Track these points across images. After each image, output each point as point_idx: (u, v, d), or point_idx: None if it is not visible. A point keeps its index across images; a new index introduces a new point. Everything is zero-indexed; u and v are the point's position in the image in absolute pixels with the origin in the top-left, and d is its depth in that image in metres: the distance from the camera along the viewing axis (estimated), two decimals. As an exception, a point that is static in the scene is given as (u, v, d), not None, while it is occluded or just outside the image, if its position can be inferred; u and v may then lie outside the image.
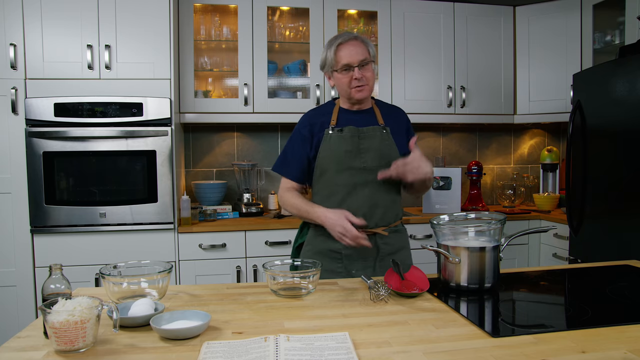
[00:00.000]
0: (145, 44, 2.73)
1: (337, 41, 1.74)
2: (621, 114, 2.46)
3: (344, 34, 1.77)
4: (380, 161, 1.76)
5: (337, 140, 1.77)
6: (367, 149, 1.77)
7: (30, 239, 2.65)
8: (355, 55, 1.71)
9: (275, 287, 1.38)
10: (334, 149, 1.77)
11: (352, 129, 1.78)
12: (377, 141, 1.78)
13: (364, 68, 1.73)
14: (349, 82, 1.73)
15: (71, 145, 2.65)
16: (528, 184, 3.76)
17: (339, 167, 1.76)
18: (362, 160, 1.77)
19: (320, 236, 1.81)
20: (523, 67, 3.44)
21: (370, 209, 1.77)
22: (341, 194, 1.76)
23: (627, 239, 2.44)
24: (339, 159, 1.76)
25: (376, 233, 1.77)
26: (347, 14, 3.36)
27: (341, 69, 1.73)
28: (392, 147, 1.80)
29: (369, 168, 1.76)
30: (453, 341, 1.04)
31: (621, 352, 0.96)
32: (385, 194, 1.80)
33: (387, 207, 1.80)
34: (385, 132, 1.81)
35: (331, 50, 1.74)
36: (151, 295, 1.31)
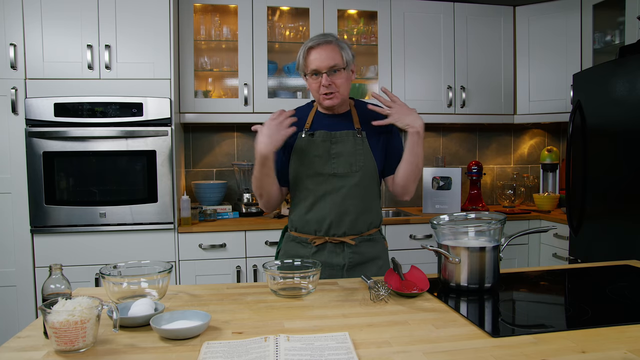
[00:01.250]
0: (145, 44, 2.73)
1: (309, 44, 1.67)
2: (621, 114, 2.46)
3: (319, 36, 1.70)
4: (352, 167, 1.71)
5: (308, 144, 1.72)
6: (338, 155, 1.71)
7: (30, 239, 2.65)
8: (324, 61, 1.65)
9: (275, 287, 1.38)
10: (304, 153, 1.72)
11: (323, 134, 1.73)
12: (349, 146, 1.72)
13: (334, 75, 1.66)
14: (317, 88, 1.68)
15: (71, 145, 2.65)
16: (528, 184, 3.76)
17: (308, 173, 1.72)
18: (332, 166, 1.71)
19: (291, 241, 1.80)
20: (523, 67, 3.44)
21: (338, 216, 1.71)
22: (310, 200, 1.73)
23: (627, 239, 2.44)
24: (309, 164, 1.72)
25: (344, 242, 1.72)
26: (347, 14, 3.36)
27: (310, 74, 1.68)
28: (366, 153, 1.73)
29: (339, 174, 1.71)
30: (453, 341, 1.04)
31: (621, 352, 0.96)
32: (358, 201, 1.72)
33: (358, 215, 1.73)
34: (359, 137, 1.74)
35: (302, 53, 1.69)
36: (151, 295, 1.31)
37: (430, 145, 3.71)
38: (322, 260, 1.69)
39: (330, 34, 1.73)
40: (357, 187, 1.72)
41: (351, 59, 1.72)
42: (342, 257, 1.73)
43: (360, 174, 1.72)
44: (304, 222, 1.75)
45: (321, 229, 1.73)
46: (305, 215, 1.74)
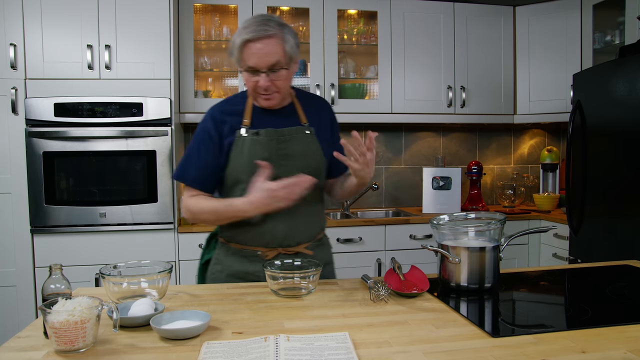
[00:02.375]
0: (145, 44, 2.73)
1: (246, 35, 1.38)
2: (621, 114, 2.46)
3: (258, 23, 1.39)
4: (304, 169, 1.47)
5: (252, 145, 1.48)
6: (289, 155, 1.50)
7: (30, 239, 2.65)
8: (264, 58, 1.39)
9: (275, 287, 1.38)
10: (248, 155, 1.47)
11: (270, 132, 1.49)
12: (300, 145, 1.52)
13: (275, 74, 1.41)
14: (254, 87, 1.44)
15: (71, 145, 2.65)
16: (528, 184, 3.76)
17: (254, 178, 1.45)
18: (283, 169, 1.47)
19: (232, 255, 1.57)
20: (523, 67, 3.44)
21: (292, 225, 1.51)
22: None
23: (627, 239, 2.44)
24: (255, 168, 1.43)
25: (299, 252, 1.55)
26: (347, 14, 3.36)
27: (246, 70, 1.42)
28: (317, 151, 1.55)
29: None
30: (453, 341, 1.04)
31: (621, 352, 0.96)
32: (308, 206, 1.53)
33: (310, 221, 1.57)
34: (309, 134, 1.54)
35: (238, 43, 1.40)
36: (151, 295, 1.30)
37: (430, 145, 3.71)
38: None
39: (271, 20, 1.41)
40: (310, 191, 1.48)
41: (295, 52, 1.45)
42: None
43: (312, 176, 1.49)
44: (252, 234, 1.52)
45: (273, 240, 1.52)
46: (255, 227, 1.50)
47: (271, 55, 1.39)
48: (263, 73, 1.41)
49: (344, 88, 3.28)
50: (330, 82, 3.18)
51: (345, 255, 2.93)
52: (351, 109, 3.22)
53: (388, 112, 3.28)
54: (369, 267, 2.98)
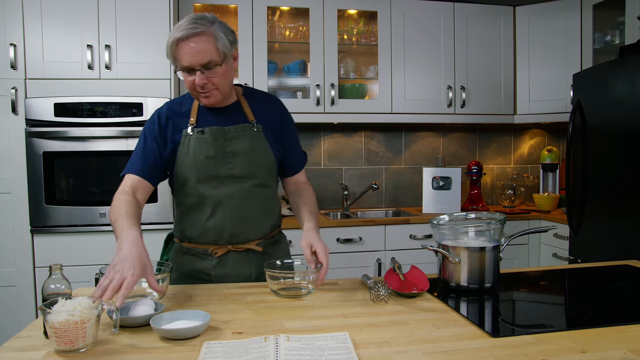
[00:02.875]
0: (145, 44, 2.73)
1: (176, 34, 1.37)
2: (621, 114, 2.46)
3: (188, 22, 1.37)
4: (251, 167, 1.53)
5: (197, 143, 1.49)
6: (234, 153, 1.51)
7: (30, 239, 2.65)
8: (196, 56, 1.37)
9: (275, 287, 1.38)
10: (193, 154, 1.49)
11: (215, 130, 1.50)
12: (246, 143, 1.52)
13: (210, 71, 1.40)
14: (191, 86, 1.43)
15: (71, 145, 2.65)
16: (528, 184, 3.76)
17: (201, 176, 1.50)
18: (228, 166, 1.51)
19: (184, 255, 1.59)
20: (523, 67, 3.44)
21: (240, 223, 1.54)
22: (206, 207, 1.52)
23: (627, 239, 2.44)
24: (201, 166, 1.49)
25: (249, 249, 1.57)
26: (347, 14, 3.36)
27: (182, 69, 1.41)
28: (264, 149, 1.55)
29: (237, 176, 1.52)
30: (453, 341, 1.04)
31: (621, 352, 0.96)
32: (258, 203, 1.56)
33: (260, 218, 1.58)
34: (256, 131, 1.54)
35: (170, 44, 1.39)
36: (151, 295, 1.31)
37: (430, 145, 3.71)
38: (226, 273, 1.54)
39: (202, 18, 1.39)
40: (257, 187, 1.55)
41: (229, 48, 1.42)
42: (248, 267, 1.57)
43: (260, 173, 1.55)
44: (200, 232, 1.54)
45: (222, 237, 1.54)
46: (203, 224, 1.53)
47: (203, 53, 1.38)
48: (198, 71, 1.40)
49: (344, 88, 3.28)
50: (330, 82, 3.18)
51: (345, 255, 2.93)
52: (351, 109, 3.22)
53: (388, 112, 3.28)
54: (369, 267, 2.99)
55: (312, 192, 1.71)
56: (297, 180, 1.73)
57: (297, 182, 1.73)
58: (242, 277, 1.57)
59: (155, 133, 1.52)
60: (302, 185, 1.72)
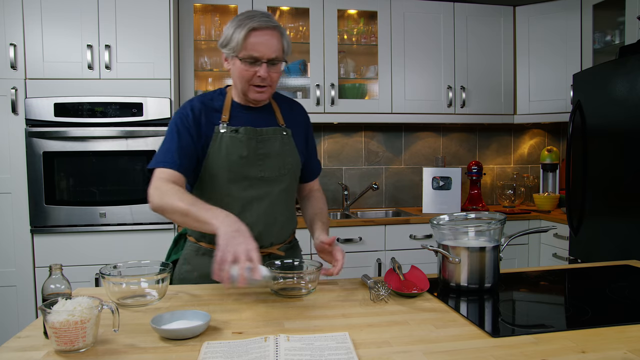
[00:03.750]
0: (145, 44, 2.73)
1: (252, 24, 1.37)
2: (621, 114, 2.46)
3: (261, 15, 1.39)
4: (281, 170, 1.52)
5: (231, 142, 1.46)
6: (265, 155, 1.50)
7: (30, 239, 2.65)
8: (268, 49, 1.39)
9: (275, 287, 1.38)
10: (227, 153, 1.46)
11: (249, 130, 1.48)
12: (277, 146, 1.52)
13: (272, 67, 1.42)
14: (250, 77, 1.42)
15: (71, 145, 2.65)
16: (528, 184, 3.76)
17: (232, 176, 1.47)
18: (259, 168, 1.49)
19: (203, 255, 1.53)
20: (523, 67, 3.44)
21: (266, 226, 1.51)
22: (235, 208, 1.45)
23: (627, 239, 2.44)
24: (233, 166, 1.46)
25: (271, 253, 1.54)
26: (347, 14, 3.36)
27: (246, 59, 1.40)
28: (293, 153, 1.55)
29: (267, 178, 1.50)
30: (453, 341, 1.04)
31: (621, 352, 0.96)
32: (284, 207, 1.55)
33: (285, 223, 1.57)
34: (286, 135, 1.55)
35: (241, 32, 1.37)
36: (151, 295, 1.31)
37: (430, 146, 3.71)
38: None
39: (269, 15, 1.42)
40: (284, 192, 1.54)
41: (289, 50, 1.47)
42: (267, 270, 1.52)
43: (288, 177, 1.55)
44: None
45: None
46: None
47: (274, 47, 1.40)
48: (264, 63, 1.40)
49: (344, 88, 3.28)
50: (330, 82, 3.18)
51: (346, 255, 2.93)
52: (351, 109, 3.22)
53: (388, 112, 3.28)
54: (369, 267, 2.99)
55: (325, 201, 1.70)
56: (311, 187, 1.74)
57: (311, 189, 1.74)
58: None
59: (189, 126, 1.46)
60: (316, 193, 1.72)
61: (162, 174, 1.40)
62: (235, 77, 1.46)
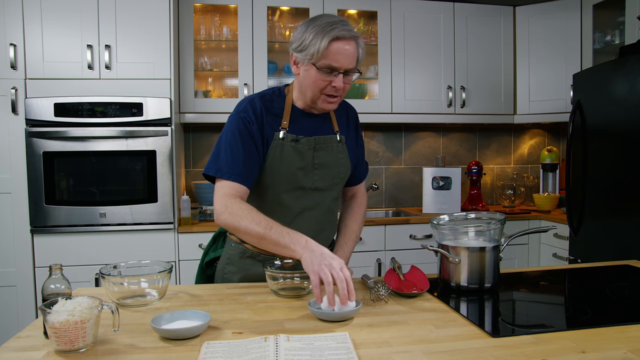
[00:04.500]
0: (145, 44, 2.73)
1: (336, 32, 1.32)
2: (621, 114, 2.46)
3: (341, 23, 1.34)
4: (334, 179, 1.50)
5: (292, 152, 1.42)
6: (320, 165, 1.47)
7: (30, 239, 2.65)
8: (347, 60, 1.35)
9: (275, 287, 1.38)
10: (286, 162, 1.42)
11: (310, 140, 1.45)
12: (332, 155, 1.49)
13: (348, 77, 1.38)
14: (324, 87, 1.38)
15: (71, 145, 2.65)
16: (528, 184, 3.76)
17: (287, 186, 1.44)
18: (314, 178, 1.47)
19: (248, 258, 1.52)
20: (523, 67, 3.44)
21: (315, 234, 1.43)
22: (286, 217, 1.45)
23: (627, 239, 2.44)
24: (291, 176, 1.43)
25: None
26: (347, 14, 3.36)
27: (325, 68, 1.35)
28: (346, 162, 1.53)
29: (320, 188, 1.48)
30: (453, 341, 1.04)
31: (621, 352, 0.96)
32: (332, 215, 1.56)
33: (331, 229, 1.58)
34: (340, 144, 1.52)
35: (324, 39, 1.32)
36: (151, 295, 1.31)
37: (430, 146, 3.71)
38: None
39: (348, 24, 1.37)
40: (335, 201, 1.54)
41: (363, 58, 1.43)
42: None
43: (339, 186, 1.54)
44: None
45: None
46: None
47: (353, 58, 1.36)
48: (340, 74, 1.36)
49: (344, 88, 3.27)
50: (330, 82, 3.17)
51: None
52: (351, 109, 3.22)
53: (388, 112, 3.28)
54: (369, 267, 2.98)
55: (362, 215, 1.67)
56: (355, 192, 1.70)
57: (355, 194, 1.70)
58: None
59: (253, 132, 1.40)
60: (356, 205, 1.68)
61: (228, 189, 1.36)
62: (306, 84, 1.40)
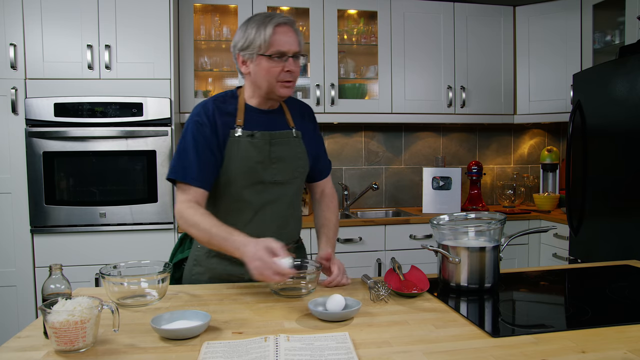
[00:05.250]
0: (145, 44, 2.73)
1: (274, 21, 1.41)
2: (621, 114, 2.46)
3: (278, 14, 1.45)
4: (294, 173, 1.54)
5: (248, 147, 1.46)
6: (278, 159, 1.51)
7: (30, 239, 2.65)
8: (292, 44, 1.43)
9: (275, 287, 1.38)
10: (243, 157, 1.46)
11: (265, 134, 1.49)
12: (289, 149, 1.53)
13: (297, 60, 1.45)
14: (278, 73, 1.42)
15: (71, 145, 2.65)
16: (528, 184, 3.76)
17: (247, 182, 1.47)
18: (273, 172, 1.50)
19: (214, 257, 1.54)
20: (523, 67, 3.44)
21: (279, 228, 1.52)
22: (248, 212, 1.49)
23: (627, 239, 2.44)
24: (249, 171, 1.46)
25: None
26: (347, 14, 3.36)
27: (274, 55, 1.41)
28: (303, 156, 1.57)
29: (280, 182, 1.51)
30: (453, 341, 1.04)
31: (621, 352, 0.96)
32: (295, 209, 1.58)
33: (294, 224, 1.60)
34: (296, 138, 1.56)
35: (264, 30, 1.39)
36: (151, 295, 1.31)
37: (430, 146, 3.71)
38: None
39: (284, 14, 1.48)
40: (295, 195, 1.57)
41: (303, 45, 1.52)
42: None
43: (299, 180, 1.57)
44: None
45: None
46: (241, 229, 1.39)
47: (297, 41, 1.45)
48: (290, 57, 1.43)
49: (344, 88, 3.28)
50: (330, 82, 3.18)
51: (345, 255, 2.93)
52: (351, 109, 3.22)
53: (388, 112, 3.28)
54: (369, 267, 2.98)
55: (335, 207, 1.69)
56: (324, 189, 1.72)
57: (323, 191, 1.72)
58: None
59: (206, 135, 1.44)
60: (327, 199, 1.70)
61: (186, 194, 1.42)
62: (260, 76, 1.44)
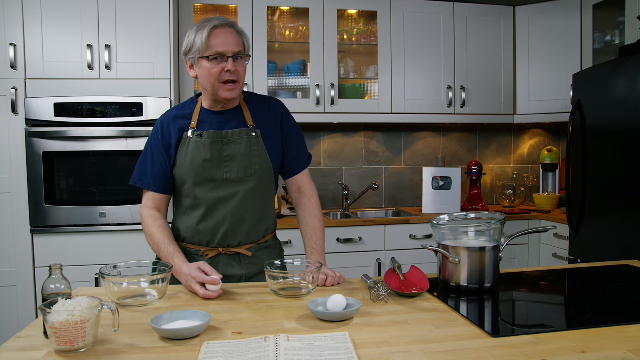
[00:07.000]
0: (145, 44, 2.73)
1: (211, 24, 1.48)
2: (621, 114, 2.46)
3: (219, 17, 1.52)
4: (247, 170, 1.57)
5: (196, 147, 1.54)
6: (231, 157, 1.56)
7: (30, 239, 2.65)
8: (231, 44, 1.48)
9: (275, 287, 1.38)
10: (191, 157, 1.54)
11: (212, 134, 1.55)
12: (243, 147, 1.56)
13: (238, 62, 1.50)
14: (219, 74, 1.49)
15: (71, 145, 2.65)
16: (528, 184, 3.76)
17: (198, 179, 1.55)
18: (225, 170, 1.55)
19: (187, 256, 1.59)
20: (523, 67, 3.44)
21: (233, 226, 1.57)
22: (201, 209, 1.57)
23: (627, 239, 2.44)
24: (198, 169, 1.54)
25: (239, 253, 1.60)
26: (347, 14, 3.36)
27: (212, 57, 1.48)
28: (261, 154, 1.59)
29: (233, 179, 1.56)
30: (453, 341, 1.04)
31: (621, 352, 0.96)
32: (253, 207, 1.60)
33: (255, 223, 1.61)
34: (254, 136, 1.58)
35: (202, 33, 1.47)
36: (151, 295, 1.31)
37: (430, 146, 3.71)
38: None
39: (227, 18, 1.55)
40: (252, 192, 1.58)
41: (250, 49, 1.60)
42: (238, 268, 1.60)
43: (256, 177, 1.58)
44: (194, 233, 1.60)
45: (214, 240, 1.58)
46: (197, 226, 1.58)
47: (236, 41, 1.50)
48: (230, 58, 1.49)
49: (344, 88, 3.28)
50: (330, 82, 3.18)
51: (345, 255, 2.93)
52: (351, 109, 3.22)
53: (388, 112, 3.28)
54: (369, 267, 2.99)
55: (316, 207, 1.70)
56: (300, 185, 1.72)
57: (300, 187, 1.72)
58: (233, 279, 1.59)
59: (159, 144, 1.58)
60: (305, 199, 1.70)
61: (146, 199, 1.61)
62: (204, 78, 1.52)
